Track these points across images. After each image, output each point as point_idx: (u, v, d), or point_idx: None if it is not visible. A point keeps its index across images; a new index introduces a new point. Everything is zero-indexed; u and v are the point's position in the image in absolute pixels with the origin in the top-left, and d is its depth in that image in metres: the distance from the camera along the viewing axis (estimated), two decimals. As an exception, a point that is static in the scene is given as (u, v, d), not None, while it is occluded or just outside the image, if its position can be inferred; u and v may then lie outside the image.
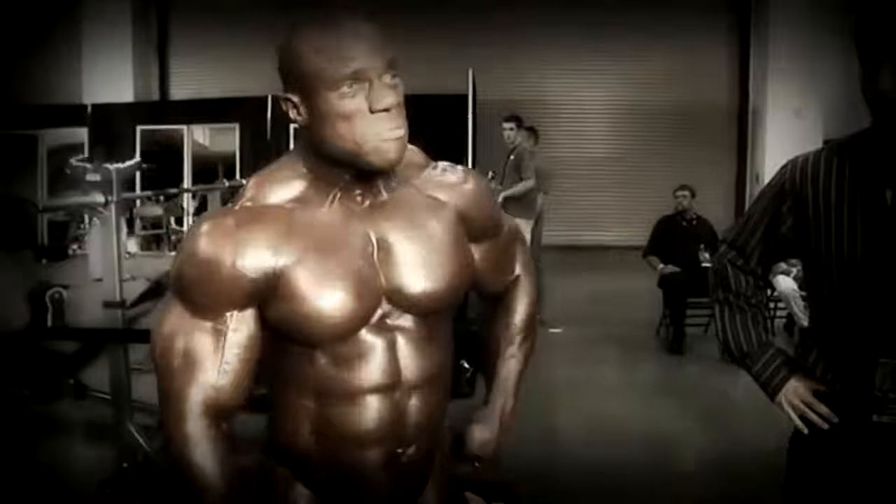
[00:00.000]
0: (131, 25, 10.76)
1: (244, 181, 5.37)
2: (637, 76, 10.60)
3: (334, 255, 1.18)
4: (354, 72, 1.11)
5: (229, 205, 1.25)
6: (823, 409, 1.54)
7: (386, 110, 1.13)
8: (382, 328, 1.23)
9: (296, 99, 1.17)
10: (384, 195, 1.24)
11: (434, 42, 9.48)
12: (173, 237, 10.55)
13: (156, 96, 11.44)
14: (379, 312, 1.22)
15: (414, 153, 1.33)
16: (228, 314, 1.17)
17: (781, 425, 1.64)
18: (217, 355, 1.17)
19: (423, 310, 1.26)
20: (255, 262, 1.15)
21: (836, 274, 1.48)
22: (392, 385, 1.24)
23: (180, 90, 11.48)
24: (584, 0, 10.40)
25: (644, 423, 4.30)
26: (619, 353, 5.88)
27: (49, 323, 3.24)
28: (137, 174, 10.21)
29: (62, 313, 3.27)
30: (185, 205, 10.47)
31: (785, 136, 9.09)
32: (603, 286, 7.83)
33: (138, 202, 9.36)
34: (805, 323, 5.27)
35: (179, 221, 10.54)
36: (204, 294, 1.16)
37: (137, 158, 8.86)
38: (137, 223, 10.19)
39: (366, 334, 1.22)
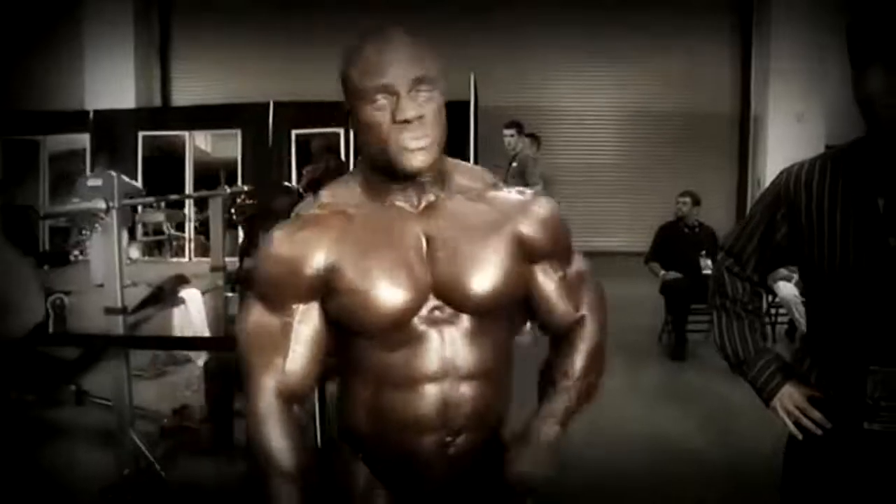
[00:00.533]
0: (133, 26, 10.77)
1: (245, 187, 5.36)
2: (638, 80, 10.60)
3: (385, 252, 1.31)
4: (383, 85, 1.24)
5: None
6: (817, 415, 1.54)
7: (407, 121, 1.24)
8: (432, 320, 1.34)
9: (349, 109, 1.31)
10: (434, 198, 1.36)
11: (434, 43, 9.48)
12: (174, 243, 10.57)
13: (158, 98, 11.44)
14: (429, 305, 1.33)
15: (483, 173, 1.47)
16: (294, 307, 1.34)
17: (781, 430, 1.63)
18: (286, 345, 1.34)
19: (467, 307, 1.34)
20: (313, 260, 1.31)
21: (828, 281, 1.48)
22: (441, 375, 1.34)
23: (182, 92, 11.48)
24: (585, 1, 10.41)
25: (646, 427, 4.29)
26: (621, 359, 5.86)
27: (51, 329, 3.24)
28: (139, 180, 10.25)
29: (63, 319, 3.28)
30: (186, 211, 10.48)
31: (787, 141, 9.08)
32: (606, 292, 7.82)
33: (140, 208, 9.38)
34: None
35: (181, 227, 10.55)
36: (273, 290, 1.34)
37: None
38: (139, 229, 10.21)
39: (417, 325, 1.33)
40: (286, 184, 8.52)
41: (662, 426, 4.33)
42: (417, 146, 1.26)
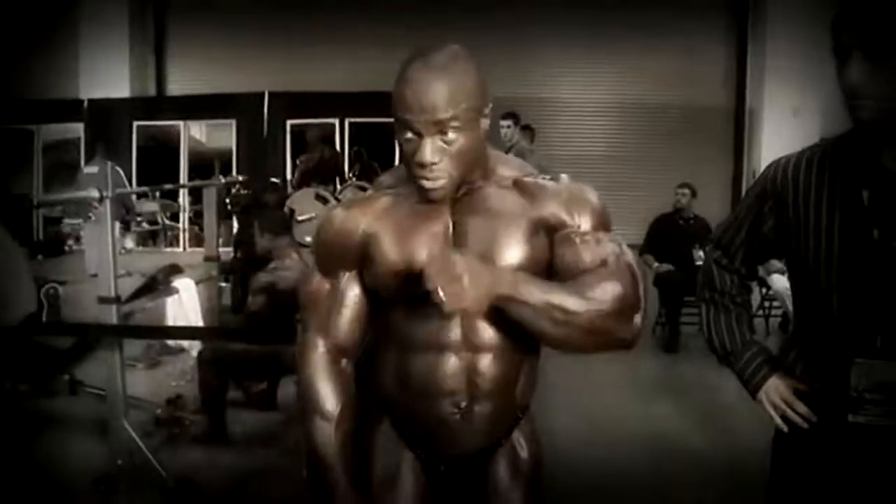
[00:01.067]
0: (128, 26, 10.69)
1: (239, 177, 5.34)
2: (636, 76, 10.61)
3: (416, 231, 1.45)
4: (409, 123, 1.33)
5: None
6: (802, 407, 1.55)
7: (423, 165, 1.34)
8: None
9: None
10: (474, 186, 1.46)
11: (435, 41, 9.46)
12: (169, 233, 10.55)
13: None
14: None
15: (524, 165, 1.56)
16: (342, 274, 1.52)
17: (773, 423, 1.64)
18: (334, 305, 1.52)
19: None
20: (356, 232, 1.48)
21: (813, 273, 1.48)
22: (461, 345, 1.45)
23: (176, 92, 11.40)
24: (586, 1, 10.41)
25: (639, 420, 4.30)
26: (614, 352, 5.88)
27: (44, 318, 3.23)
28: (134, 170, 10.23)
29: (57, 309, 3.26)
30: (181, 201, 10.46)
31: (782, 135, 9.09)
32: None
33: (135, 198, 9.35)
34: (800, 322, 5.26)
35: (175, 217, 10.52)
36: (325, 259, 1.54)
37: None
38: (133, 219, 10.17)
39: None
40: (273, 180, 8.55)
41: (655, 418, 4.34)
42: (431, 187, 1.37)
